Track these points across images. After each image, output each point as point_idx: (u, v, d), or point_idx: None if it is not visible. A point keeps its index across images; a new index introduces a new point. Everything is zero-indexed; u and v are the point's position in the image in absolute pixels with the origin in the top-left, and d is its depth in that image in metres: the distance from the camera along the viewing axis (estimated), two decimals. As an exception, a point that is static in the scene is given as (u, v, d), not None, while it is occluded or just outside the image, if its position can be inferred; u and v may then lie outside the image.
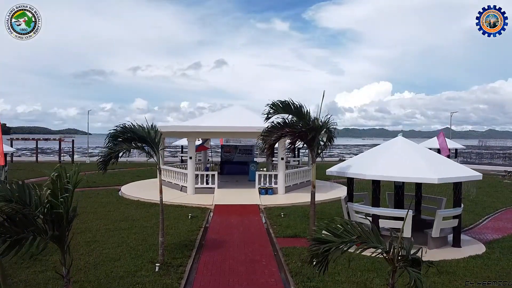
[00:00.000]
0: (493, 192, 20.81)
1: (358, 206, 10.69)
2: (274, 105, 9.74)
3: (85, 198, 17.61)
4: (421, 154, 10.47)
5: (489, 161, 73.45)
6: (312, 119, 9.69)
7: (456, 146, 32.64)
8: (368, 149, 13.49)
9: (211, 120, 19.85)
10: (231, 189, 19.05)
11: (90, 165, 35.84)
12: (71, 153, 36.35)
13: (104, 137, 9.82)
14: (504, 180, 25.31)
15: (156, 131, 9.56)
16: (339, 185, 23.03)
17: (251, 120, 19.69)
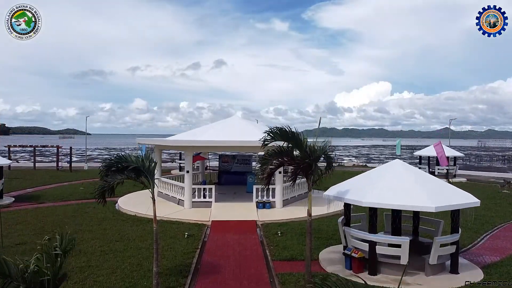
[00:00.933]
0: (491, 205, 20.67)
1: (355, 232, 10.58)
2: (272, 132, 9.66)
3: (81, 213, 17.52)
4: (419, 179, 10.37)
5: (488, 164, 73.58)
6: (310, 145, 9.59)
7: (455, 154, 32.55)
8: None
9: (209, 133, 19.72)
10: (228, 203, 18.94)
11: (88, 172, 35.80)
12: (68, 161, 36.07)
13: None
14: (502, 191, 25.21)
15: (151, 160, 9.42)
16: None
17: (250, 132, 19.58)
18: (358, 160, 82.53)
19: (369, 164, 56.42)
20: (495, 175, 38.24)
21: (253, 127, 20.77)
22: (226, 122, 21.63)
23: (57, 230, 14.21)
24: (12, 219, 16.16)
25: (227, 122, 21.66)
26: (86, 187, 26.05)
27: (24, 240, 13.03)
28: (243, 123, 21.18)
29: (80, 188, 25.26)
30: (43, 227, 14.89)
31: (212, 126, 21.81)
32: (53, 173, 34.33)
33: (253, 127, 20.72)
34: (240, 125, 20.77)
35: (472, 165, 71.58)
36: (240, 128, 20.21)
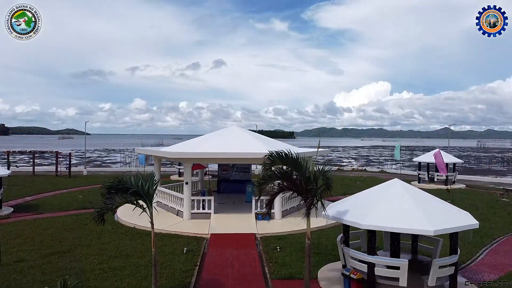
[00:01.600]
0: (490, 214, 20.67)
1: (354, 253, 10.57)
2: (272, 156, 9.72)
3: (81, 225, 17.49)
4: (417, 200, 10.37)
5: (488, 167, 73.66)
6: (309, 168, 9.60)
7: (454, 160, 32.54)
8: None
9: (208, 144, 19.69)
10: (227, 215, 18.91)
11: (87, 178, 35.79)
12: (67, 167, 36.04)
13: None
14: (501, 199, 25.21)
15: (152, 182, 9.41)
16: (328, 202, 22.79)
17: (249, 143, 19.61)
18: (357, 163, 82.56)
19: (369, 168, 56.42)
20: (495, 181, 38.26)
21: (251, 137, 20.77)
22: (225, 133, 21.60)
23: (56, 244, 14.28)
24: (10, 232, 16.15)
25: (226, 132, 21.63)
26: (85, 195, 26.05)
27: (23, 257, 13.00)
28: (242, 133, 21.15)
29: (79, 197, 25.23)
30: (42, 241, 14.88)
31: (211, 136, 21.77)
32: (52, 179, 34.29)
33: (252, 137, 20.72)
34: (240, 136, 20.74)
35: (472, 167, 71.66)
36: (240, 139, 20.19)
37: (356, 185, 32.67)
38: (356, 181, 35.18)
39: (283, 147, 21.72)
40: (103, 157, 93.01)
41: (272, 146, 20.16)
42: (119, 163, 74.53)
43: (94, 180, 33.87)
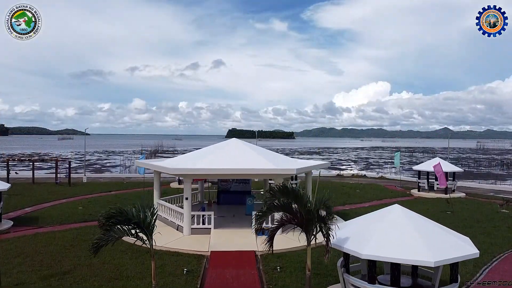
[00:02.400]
0: (490, 228, 20.65)
1: (354, 281, 10.57)
2: (273, 190, 9.76)
3: (80, 242, 17.45)
4: (418, 228, 10.35)
5: (487, 171, 73.75)
6: (309, 199, 9.62)
7: (454, 169, 32.56)
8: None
9: (209, 159, 19.66)
10: (227, 230, 18.90)
11: (87, 186, 35.72)
12: (67, 175, 35.99)
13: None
14: (501, 210, 25.22)
15: (153, 213, 9.41)
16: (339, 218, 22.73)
17: (250, 158, 19.58)
18: (357, 166, 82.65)
19: (368, 173, 56.36)
20: (495, 188, 38.26)
21: (251, 150, 20.72)
22: (225, 146, 21.57)
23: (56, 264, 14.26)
24: (10, 250, 16.13)
25: (226, 146, 21.59)
26: (85, 206, 26.04)
27: (23, 279, 12.98)
28: (242, 147, 21.11)
29: (79, 208, 25.21)
30: (42, 261, 14.87)
31: (211, 150, 21.75)
32: (51, 187, 34.25)
33: (252, 151, 20.68)
34: (240, 149, 20.71)
35: (472, 171, 71.69)
36: (240, 153, 20.17)
37: (356, 194, 32.67)
38: (356, 189, 35.18)
39: (283, 159, 21.77)
40: (103, 160, 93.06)
41: (272, 159, 20.18)
42: (119, 166, 74.62)
43: (93, 189, 33.86)
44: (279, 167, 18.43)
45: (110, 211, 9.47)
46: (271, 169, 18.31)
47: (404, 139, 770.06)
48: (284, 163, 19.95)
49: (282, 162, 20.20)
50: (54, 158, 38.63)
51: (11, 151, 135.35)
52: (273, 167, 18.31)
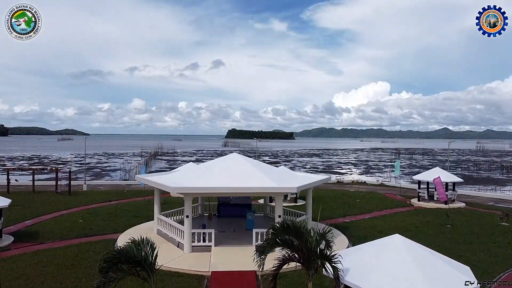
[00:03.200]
0: (490, 244, 20.67)
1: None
2: (274, 228, 9.81)
3: (81, 261, 17.42)
4: (418, 260, 10.34)
5: (487, 175, 73.78)
6: (310, 233, 9.64)
7: (454, 180, 32.57)
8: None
9: (209, 175, 19.67)
10: (228, 247, 18.90)
11: (87, 195, 35.71)
12: (67, 185, 35.98)
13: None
14: (501, 223, 25.25)
15: (153, 249, 9.40)
16: (335, 231, 22.74)
17: (251, 174, 19.58)
18: (357, 170, 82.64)
19: (368, 179, 56.35)
20: (494, 196, 38.27)
21: (252, 166, 20.72)
22: (225, 162, 21.56)
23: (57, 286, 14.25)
24: (11, 271, 16.12)
25: (227, 161, 21.58)
26: (86, 218, 26.05)
27: (24, 305, 13.00)
28: (243, 162, 21.10)
29: (79, 221, 25.22)
30: (43, 283, 14.88)
31: (212, 165, 21.72)
32: (52, 197, 34.23)
33: (252, 167, 20.67)
34: (240, 165, 20.70)
35: (471, 175, 71.75)
36: (240, 169, 20.16)
37: (356, 204, 32.69)
38: (356, 199, 35.20)
39: (283, 175, 21.76)
40: (103, 163, 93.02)
41: (273, 175, 20.18)
42: (119, 171, 74.59)
43: (94, 198, 33.88)
44: (280, 185, 18.46)
45: (110, 254, 9.42)
46: (272, 187, 18.35)
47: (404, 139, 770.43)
48: (285, 180, 19.96)
49: (283, 179, 20.19)
50: (54, 168, 38.48)
51: (10, 153, 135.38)
52: (274, 185, 18.34)
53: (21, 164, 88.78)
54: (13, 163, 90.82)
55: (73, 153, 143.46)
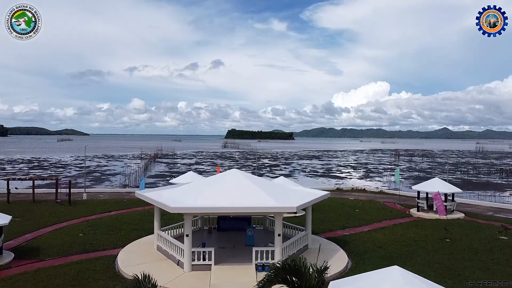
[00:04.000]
0: (489, 262, 20.71)
1: None
2: (275, 268, 9.90)
3: (81, 281, 17.42)
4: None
5: (487, 179, 73.87)
6: (309, 272, 9.72)
7: (453, 190, 32.65)
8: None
9: (209, 192, 19.73)
10: (228, 266, 18.96)
11: (87, 205, 35.72)
12: (67, 194, 36.03)
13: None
14: (500, 237, 25.33)
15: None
16: (335, 246, 22.82)
17: (251, 192, 19.65)
18: (356, 173, 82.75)
19: (368, 185, 56.42)
20: (494, 206, 38.34)
21: (251, 183, 20.76)
22: (225, 178, 21.59)
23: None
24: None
25: (226, 178, 21.62)
26: (86, 232, 26.11)
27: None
28: (243, 179, 21.14)
29: (80, 235, 25.29)
30: (44, 306, 14.94)
31: (211, 182, 21.76)
32: (52, 207, 34.24)
33: (252, 184, 20.71)
34: (240, 183, 20.75)
35: (471, 180, 71.86)
36: (241, 187, 20.22)
37: (355, 215, 32.75)
38: (355, 209, 35.27)
39: (283, 191, 21.82)
40: (102, 166, 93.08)
41: (273, 192, 20.26)
42: (119, 175, 74.65)
43: (94, 209, 33.94)
44: (279, 205, 18.53)
45: None
46: (272, 207, 18.45)
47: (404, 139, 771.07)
48: (284, 197, 20.02)
49: (283, 196, 20.27)
50: (54, 177, 38.51)
51: (9, 155, 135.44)
52: (273, 204, 18.43)
53: (20, 167, 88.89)
54: (12, 167, 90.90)
55: (72, 155, 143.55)
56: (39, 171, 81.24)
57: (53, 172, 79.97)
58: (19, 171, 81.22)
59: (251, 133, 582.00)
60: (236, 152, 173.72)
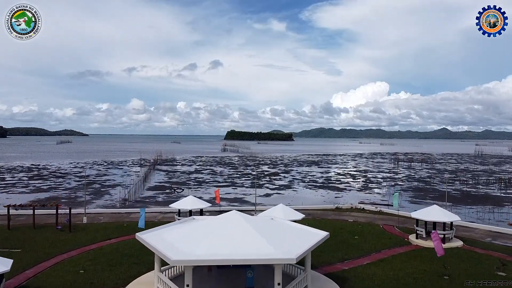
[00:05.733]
0: (487, 305, 20.92)
1: None
2: None
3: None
4: None
5: (485, 191, 74.00)
6: None
7: (452, 219, 32.75)
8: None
9: (208, 241, 19.84)
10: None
11: (87, 231, 35.72)
12: (67, 220, 36.12)
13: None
14: (498, 273, 25.49)
15: None
16: (334, 286, 22.97)
17: (251, 239, 19.80)
18: (355, 184, 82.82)
19: (367, 196, 56.51)
20: (492, 229, 38.46)
21: (252, 229, 20.87)
22: (224, 223, 21.71)
23: None
24: None
25: (226, 222, 21.75)
26: (86, 267, 26.20)
27: None
28: (243, 224, 21.26)
29: (80, 272, 25.40)
30: None
31: (210, 229, 21.76)
32: (52, 234, 34.24)
33: (252, 229, 20.80)
34: (240, 228, 20.89)
35: (470, 192, 71.97)
36: (240, 233, 20.37)
37: (354, 243, 32.85)
38: (355, 235, 35.41)
39: (283, 233, 21.94)
40: (102, 176, 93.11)
41: (273, 238, 20.39)
42: (119, 187, 74.74)
43: (94, 236, 34.01)
44: (279, 257, 18.68)
45: None
46: (271, 259, 18.64)
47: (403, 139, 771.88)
48: (285, 244, 20.17)
49: (283, 241, 20.43)
50: (54, 203, 38.55)
51: (9, 161, 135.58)
52: (272, 255, 18.61)
53: (20, 178, 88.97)
54: (12, 176, 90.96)
55: (72, 161, 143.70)
56: (39, 182, 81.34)
57: (52, 183, 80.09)
58: (18, 182, 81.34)
59: (250, 134, 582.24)
60: (236, 157, 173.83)
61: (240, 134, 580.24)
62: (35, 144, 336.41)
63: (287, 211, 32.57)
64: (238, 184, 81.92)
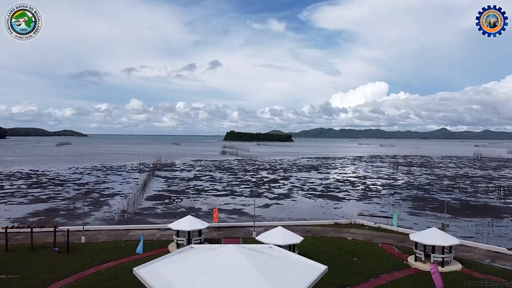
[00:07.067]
0: None
1: None
2: None
3: None
4: None
5: (484, 200, 73.93)
6: None
7: (451, 242, 32.68)
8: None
9: (203, 281, 19.73)
10: None
11: (85, 253, 35.57)
12: (65, 242, 35.99)
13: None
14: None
15: None
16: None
17: (248, 277, 19.65)
18: (355, 193, 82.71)
19: (367, 207, 56.44)
20: (491, 249, 38.40)
21: (250, 265, 20.69)
22: (221, 259, 21.57)
23: None
24: None
25: (222, 258, 21.61)
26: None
27: None
28: (240, 261, 21.11)
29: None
30: None
31: (207, 263, 21.64)
32: (50, 257, 34.01)
33: (250, 266, 20.63)
34: (237, 263, 20.71)
35: (468, 201, 71.92)
36: (237, 271, 20.20)
37: (353, 266, 32.76)
38: (353, 257, 35.31)
39: (282, 270, 21.79)
40: (101, 183, 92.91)
41: (272, 275, 20.25)
42: (118, 196, 74.64)
43: (92, 259, 33.83)
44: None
45: None
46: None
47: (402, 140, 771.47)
48: (283, 281, 20.03)
49: (282, 278, 20.29)
50: (53, 224, 38.41)
51: (7, 167, 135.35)
52: (270, 298, 18.45)
53: (19, 186, 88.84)
54: (11, 184, 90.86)
55: (71, 166, 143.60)
56: (37, 191, 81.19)
57: (51, 192, 79.94)
58: (17, 191, 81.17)
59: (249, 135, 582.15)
60: (235, 161, 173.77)
61: (240, 135, 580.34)
62: (34, 146, 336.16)
63: (286, 234, 32.49)
64: (237, 193, 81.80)
